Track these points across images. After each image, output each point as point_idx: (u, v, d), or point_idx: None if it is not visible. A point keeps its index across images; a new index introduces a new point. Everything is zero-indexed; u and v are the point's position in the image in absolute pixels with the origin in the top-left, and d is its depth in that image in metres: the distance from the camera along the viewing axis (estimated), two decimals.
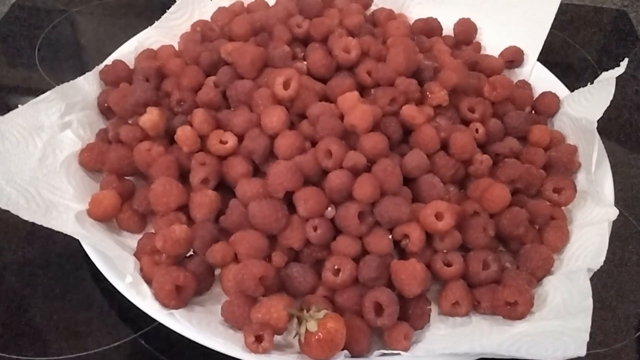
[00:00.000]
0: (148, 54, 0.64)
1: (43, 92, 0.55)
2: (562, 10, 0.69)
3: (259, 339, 0.43)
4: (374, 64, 0.58)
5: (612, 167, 0.58)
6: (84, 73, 0.60)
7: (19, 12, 0.78)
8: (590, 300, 0.45)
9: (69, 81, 0.58)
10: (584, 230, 0.53)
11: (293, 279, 0.48)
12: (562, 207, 0.56)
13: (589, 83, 0.60)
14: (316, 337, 0.42)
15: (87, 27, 0.79)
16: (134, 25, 0.69)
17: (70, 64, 0.74)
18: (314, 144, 0.53)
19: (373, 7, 0.73)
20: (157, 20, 0.68)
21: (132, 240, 0.51)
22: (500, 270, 0.50)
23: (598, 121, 0.56)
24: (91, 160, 0.54)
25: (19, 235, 0.55)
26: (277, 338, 0.45)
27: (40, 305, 0.51)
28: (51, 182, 0.51)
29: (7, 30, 0.76)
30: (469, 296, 0.49)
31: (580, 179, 0.58)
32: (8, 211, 0.46)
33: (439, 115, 0.57)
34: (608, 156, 0.58)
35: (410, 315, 0.47)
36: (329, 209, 0.50)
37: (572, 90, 0.65)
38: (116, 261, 0.47)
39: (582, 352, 0.41)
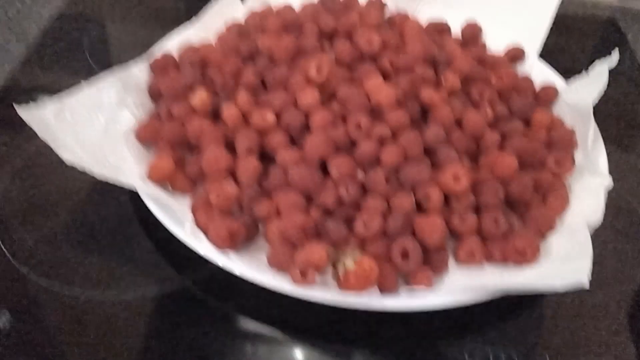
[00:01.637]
0: (191, 48, 0.72)
1: None
2: (557, 19, 0.76)
3: (303, 274, 0.49)
4: (395, 54, 0.66)
5: None
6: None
7: (62, 19, 0.86)
8: (590, 248, 0.52)
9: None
10: (583, 195, 0.60)
11: (328, 231, 0.54)
12: (563, 179, 0.63)
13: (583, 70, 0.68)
14: (354, 273, 0.49)
15: (123, 29, 0.86)
16: (162, 28, 0.77)
17: (117, 57, 0.81)
18: (343, 121, 0.60)
19: (388, 14, 0.81)
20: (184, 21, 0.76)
21: (185, 202, 0.58)
22: (509, 228, 0.57)
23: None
24: (147, 135, 0.61)
25: (78, 199, 0.62)
26: (317, 279, 0.51)
27: (99, 256, 0.57)
28: (115, 150, 0.58)
29: (56, 33, 0.83)
30: (483, 248, 0.55)
31: (578, 158, 0.65)
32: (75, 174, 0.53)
33: (452, 99, 0.64)
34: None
35: (432, 262, 0.54)
36: (359, 172, 0.57)
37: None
38: (177, 212, 0.54)
39: (585, 281, 0.47)
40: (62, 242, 0.58)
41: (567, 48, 0.90)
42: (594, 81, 0.66)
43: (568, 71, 0.83)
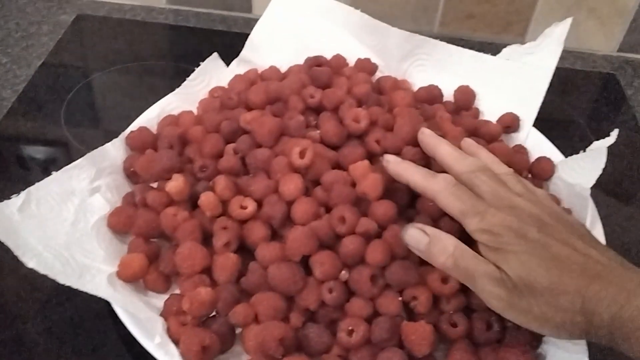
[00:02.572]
0: (170, 120, 0.69)
1: (65, 149, 0.59)
2: (554, 73, 0.73)
3: None
4: (383, 133, 0.63)
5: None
6: (105, 131, 0.65)
7: (45, 73, 0.83)
8: (587, 358, 0.49)
9: (90, 138, 0.63)
10: None
11: (310, 339, 0.51)
12: None
13: (581, 151, 0.65)
14: None
15: (108, 88, 0.83)
16: (151, 88, 0.74)
17: (92, 123, 0.78)
18: (328, 209, 0.57)
19: (378, 74, 0.78)
20: (173, 83, 0.73)
21: (158, 300, 0.55)
22: (502, 330, 0.53)
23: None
24: (119, 224, 0.58)
25: (49, 299, 0.58)
26: None
27: None
28: (83, 245, 0.55)
29: (35, 90, 0.80)
30: (474, 357, 0.52)
31: None
32: (36, 274, 0.49)
33: None
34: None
35: None
36: (343, 272, 0.53)
37: (565, 154, 0.70)
38: (145, 322, 0.50)
39: None
40: (26, 347, 0.54)
41: (563, 107, 0.87)
42: (592, 162, 0.63)
43: (565, 128, 0.81)
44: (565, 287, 0.44)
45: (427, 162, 0.61)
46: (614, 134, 0.62)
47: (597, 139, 0.62)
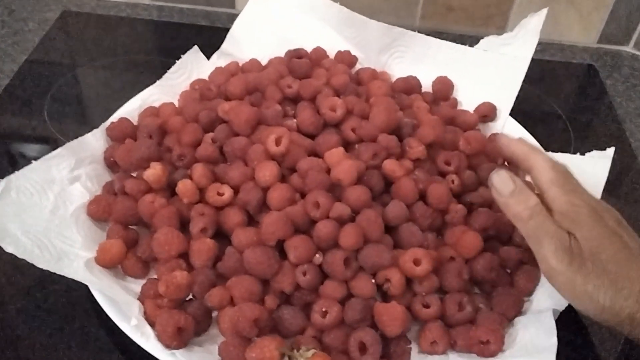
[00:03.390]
0: (150, 112, 0.70)
1: (49, 143, 0.59)
2: (532, 65, 0.74)
3: None
4: (358, 121, 0.64)
5: None
6: (89, 126, 0.66)
7: (30, 69, 0.83)
8: (555, 339, 0.50)
9: (74, 133, 0.63)
10: None
11: (284, 320, 0.52)
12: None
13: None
14: None
15: (92, 83, 0.84)
16: (135, 83, 0.74)
17: (75, 118, 0.79)
18: (303, 195, 0.58)
19: (358, 66, 0.79)
20: (157, 78, 0.74)
21: (136, 285, 0.56)
22: (474, 311, 0.54)
23: None
24: (98, 211, 0.59)
25: (29, 283, 0.59)
26: None
27: (47, 346, 0.54)
28: (62, 232, 0.56)
29: (19, 85, 0.81)
30: (446, 336, 0.53)
31: None
32: (17, 259, 0.50)
33: (417, 168, 0.62)
34: None
35: (392, 354, 0.52)
36: (317, 255, 0.54)
37: (543, 144, 0.71)
38: (122, 305, 0.51)
39: None
40: (14, 327, 0.55)
41: (542, 98, 0.88)
42: (594, 167, 0.64)
43: (544, 119, 0.82)
44: (630, 273, 0.45)
45: (403, 149, 0.62)
46: (611, 151, 0.63)
47: (576, 130, 0.64)
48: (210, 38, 0.83)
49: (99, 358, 0.54)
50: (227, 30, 0.81)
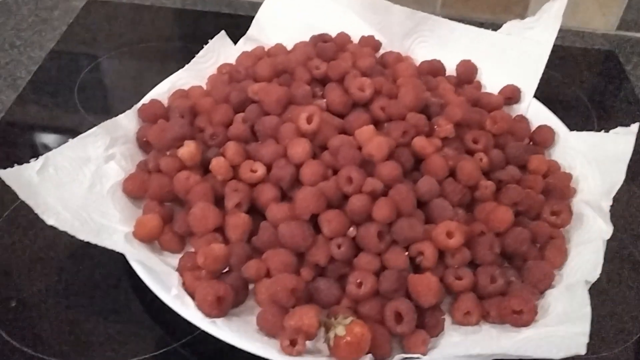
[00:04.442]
0: (180, 94, 0.71)
1: (82, 126, 0.61)
2: (552, 51, 0.75)
3: (293, 342, 0.48)
4: (387, 101, 0.64)
5: None
6: (119, 110, 0.67)
7: (57, 56, 0.85)
8: (589, 309, 0.50)
9: (105, 117, 0.64)
10: (581, 247, 0.59)
11: (320, 291, 0.53)
12: (560, 230, 0.61)
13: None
14: (345, 340, 0.48)
15: (119, 70, 0.86)
16: (160, 70, 0.75)
17: (105, 102, 0.80)
18: (335, 172, 0.59)
19: (382, 51, 0.80)
20: (183, 64, 0.75)
21: (173, 260, 0.57)
22: (506, 284, 0.55)
23: None
24: (134, 189, 0.60)
25: (65, 259, 0.60)
26: (308, 344, 0.50)
27: (88, 317, 0.56)
28: (100, 207, 0.57)
29: (47, 72, 0.82)
30: (479, 307, 0.54)
31: (576, 202, 0.64)
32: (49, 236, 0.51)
33: (446, 147, 0.63)
34: None
35: (426, 323, 0.52)
36: (351, 229, 0.55)
37: (565, 124, 0.72)
38: (162, 275, 0.52)
39: (583, 351, 0.45)
40: (49, 303, 0.56)
41: (564, 83, 0.89)
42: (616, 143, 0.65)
43: (567, 103, 0.82)
44: None
45: (431, 128, 0.63)
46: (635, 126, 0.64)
47: (598, 113, 0.64)
48: (233, 26, 0.84)
49: (135, 332, 0.55)
50: (249, 17, 0.82)
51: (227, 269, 0.55)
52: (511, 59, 0.78)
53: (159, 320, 0.56)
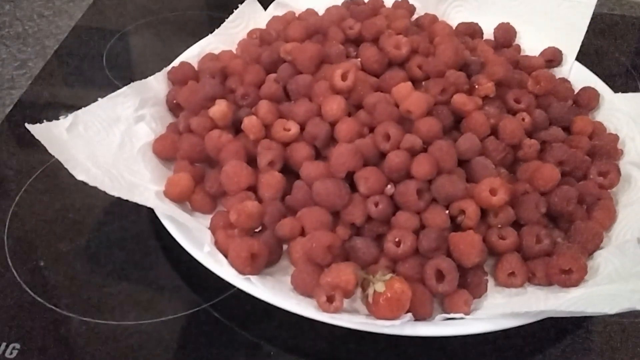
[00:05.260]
0: (210, 57, 0.69)
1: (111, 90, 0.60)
2: (593, 18, 0.72)
3: (330, 299, 0.46)
4: (424, 59, 0.62)
5: None
6: (148, 75, 0.65)
7: (84, 28, 0.84)
8: None
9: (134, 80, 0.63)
10: (630, 208, 0.56)
11: (357, 250, 0.51)
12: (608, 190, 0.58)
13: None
14: (384, 296, 0.45)
15: (146, 39, 0.84)
16: (187, 38, 0.74)
17: (135, 70, 0.79)
18: (371, 130, 0.57)
19: (415, 16, 0.78)
20: (208, 32, 0.73)
21: (204, 221, 0.55)
22: (552, 244, 0.52)
23: None
24: (165, 149, 0.59)
25: (96, 220, 0.59)
26: (345, 303, 0.48)
27: (116, 278, 0.54)
28: (130, 166, 0.56)
29: (75, 43, 0.81)
30: (524, 267, 0.51)
31: (623, 164, 0.60)
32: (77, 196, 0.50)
33: (487, 105, 0.60)
34: None
35: (469, 284, 0.50)
36: (389, 186, 0.53)
37: (612, 88, 0.69)
38: (194, 232, 0.51)
39: (638, 306, 0.43)
40: (77, 264, 0.55)
41: (605, 49, 0.86)
42: None
43: (608, 75, 0.79)
44: None
45: (471, 86, 0.61)
46: None
47: None
48: None
49: (164, 292, 0.54)
50: None
51: (259, 229, 0.54)
52: (551, 21, 0.75)
53: (189, 281, 0.54)
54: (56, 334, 0.50)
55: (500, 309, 0.48)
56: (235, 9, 0.75)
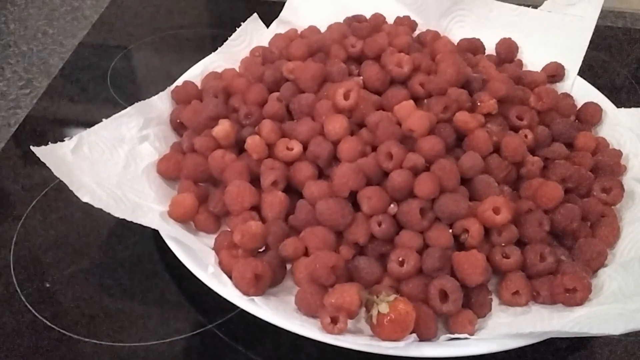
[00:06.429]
0: (214, 76, 0.69)
1: (113, 109, 0.61)
2: (595, 31, 0.73)
3: (334, 320, 0.46)
4: (426, 77, 0.62)
5: None
6: (153, 95, 0.66)
7: (88, 47, 0.85)
8: None
9: (137, 100, 0.64)
10: (634, 226, 0.56)
11: (360, 269, 0.51)
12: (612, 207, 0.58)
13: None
14: (388, 318, 0.45)
15: (150, 56, 0.85)
16: (192, 56, 0.74)
17: (139, 89, 0.79)
18: (373, 149, 0.57)
19: (418, 32, 0.78)
20: (212, 49, 0.73)
21: (208, 240, 0.55)
22: (556, 262, 0.52)
23: None
24: (168, 169, 0.59)
25: (101, 240, 0.59)
26: (349, 324, 0.48)
27: (122, 299, 0.55)
28: (135, 187, 0.56)
29: (79, 62, 0.82)
30: (529, 286, 0.51)
31: (627, 180, 0.60)
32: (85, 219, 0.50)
33: (489, 122, 0.60)
34: None
35: (473, 303, 0.50)
36: (392, 205, 0.53)
37: (614, 103, 0.69)
38: (198, 253, 0.51)
39: None
40: (83, 285, 0.56)
41: (607, 63, 0.86)
42: None
43: (611, 88, 0.79)
44: None
45: (473, 104, 0.61)
46: None
47: None
48: (265, 12, 0.82)
49: (169, 313, 0.54)
50: (280, 4, 0.81)
51: (263, 249, 0.54)
52: (553, 37, 0.75)
53: (193, 302, 0.54)
54: (61, 355, 0.50)
55: (504, 329, 0.48)
56: (238, 26, 0.76)
